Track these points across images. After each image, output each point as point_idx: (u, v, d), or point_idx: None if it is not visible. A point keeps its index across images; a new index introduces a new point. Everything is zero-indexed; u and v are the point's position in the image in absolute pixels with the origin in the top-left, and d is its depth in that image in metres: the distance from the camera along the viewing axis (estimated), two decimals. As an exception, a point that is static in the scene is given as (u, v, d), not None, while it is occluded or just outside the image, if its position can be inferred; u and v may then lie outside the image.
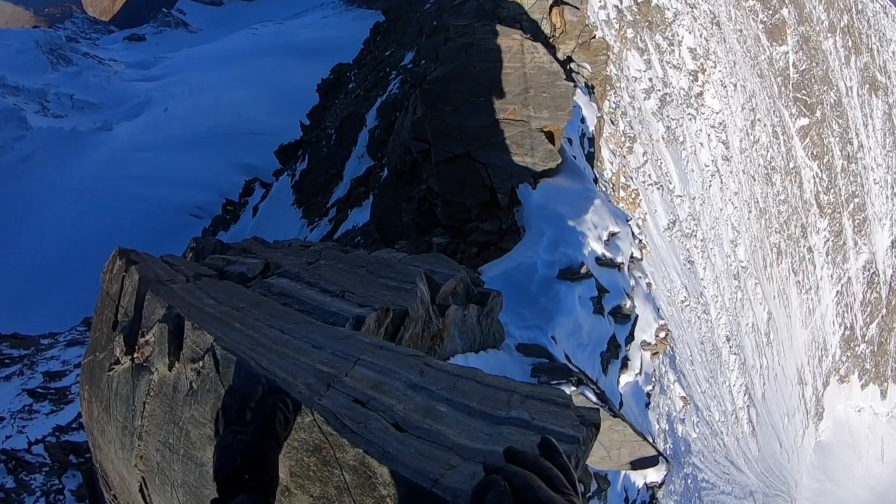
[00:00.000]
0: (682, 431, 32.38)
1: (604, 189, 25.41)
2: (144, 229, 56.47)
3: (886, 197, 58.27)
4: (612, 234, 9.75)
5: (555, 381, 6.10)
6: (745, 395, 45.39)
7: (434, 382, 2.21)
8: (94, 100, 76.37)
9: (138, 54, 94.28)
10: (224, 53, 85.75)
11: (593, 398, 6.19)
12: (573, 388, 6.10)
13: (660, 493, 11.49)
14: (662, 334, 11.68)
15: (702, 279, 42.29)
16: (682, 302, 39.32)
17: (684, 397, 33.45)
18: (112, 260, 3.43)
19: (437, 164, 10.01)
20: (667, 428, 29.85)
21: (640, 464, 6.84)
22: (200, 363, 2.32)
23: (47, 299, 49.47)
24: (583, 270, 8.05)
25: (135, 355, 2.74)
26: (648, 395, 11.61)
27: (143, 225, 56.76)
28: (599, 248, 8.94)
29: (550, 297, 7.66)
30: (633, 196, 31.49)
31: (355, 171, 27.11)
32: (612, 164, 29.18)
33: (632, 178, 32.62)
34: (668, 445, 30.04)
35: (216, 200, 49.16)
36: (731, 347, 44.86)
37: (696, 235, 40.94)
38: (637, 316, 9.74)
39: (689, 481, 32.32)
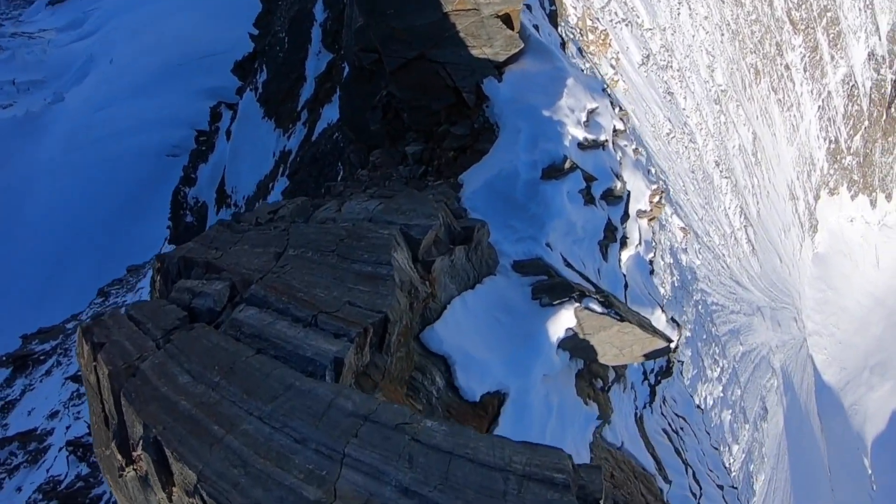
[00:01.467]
0: (685, 261, 33.22)
1: (571, 36, 24.22)
2: (128, 184, 55.53)
3: (859, 9, 56.22)
4: (591, 112, 9.17)
5: (557, 301, 5.87)
6: (740, 215, 46.11)
7: (426, 475, 1.96)
8: (37, 77, 71.29)
9: (66, 15, 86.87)
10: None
11: (598, 308, 5.99)
12: (577, 305, 5.88)
13: (674, 356, 11.75)
14: (656, 198, 11.40)
15: (684, 109, 41.63)
16: (668, 134, 39.05)
17: (683, 228, 34.02)
18: (79, 341, 3.31)
19: (391, 73, 9.26)
20: (671, 261, 30.57)
21: (653, 355, 6.78)
22: (194, 500, 2.21)
23: (58, 284, 49.75)
24: (567, 165, 7.59)
25: (135, 466, 2.62)
26: (651, 262, 11.52)
27: (125, 181, 55.69)
28: (580, 133, 8.42)
29: (538, 202, 7.27)
30: (603, 37, 30.24)
31: (317, 69, 26.44)
32: (575, 8, 27.77)
33: (598, 19, 31.09)
34: (674, 278, 30.92)
35: (189, 134, 47.90)
36: (721, 171, 45.02)
37: (671, 66, 39.72)
38: (629, 192, 9.40)
39: (700, 307, 33.59)
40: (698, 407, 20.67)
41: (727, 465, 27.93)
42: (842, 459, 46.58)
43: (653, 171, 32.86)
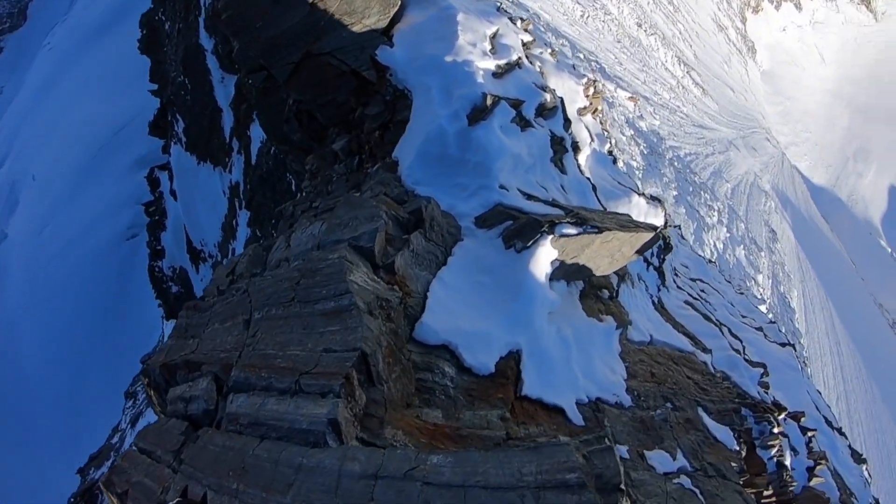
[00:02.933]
0: (646, 126, 33.28)
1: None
2: (101, 283, 54.48)
3: None
4: (493, 37, 8.89)
5: (531, 242, 5.74)
6: (679, 64, 46.06)
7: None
8: (-30, 227, 68.86)
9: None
10: (40, 87, 76.22)
11: (573, 230, 5.86)
12: (551, 237, 5.75)
13: (667, 232, 11.71)
14: (591, 90, 11.19)
15: (587, -14, 41.08)
16: (582, 16, 38.66)
17: (631, 97, 33.96)
18: (107, 496, 3.41)
19: (285, 82, 8.93)
20: (632, 132, 30.59)
21: (646, 247, 6.70)
22: None
23: (84, 407, 48.94)
24: (489, 102, 7.37)
25: None
26: (610, 152, 11.38)
27: (98, 282, 54.59)
28: (490, 64, 8.16)
29: (475, 150, 7.06)
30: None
31: (227, 95, 25.94)
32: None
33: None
34: (642, 147, 30.93)
35: (137, 211, 47.04)
36: (645, 30, 44.81)
37: (556, -51, 38.96)
38: (561, 98, 9.18)
39: (676, 163, 33.78)
40: (710, 261, 20.86)
41: (759, 296, 28.45)
42: (860, 248, 47.57)
43: (582, 56, 32.45)
